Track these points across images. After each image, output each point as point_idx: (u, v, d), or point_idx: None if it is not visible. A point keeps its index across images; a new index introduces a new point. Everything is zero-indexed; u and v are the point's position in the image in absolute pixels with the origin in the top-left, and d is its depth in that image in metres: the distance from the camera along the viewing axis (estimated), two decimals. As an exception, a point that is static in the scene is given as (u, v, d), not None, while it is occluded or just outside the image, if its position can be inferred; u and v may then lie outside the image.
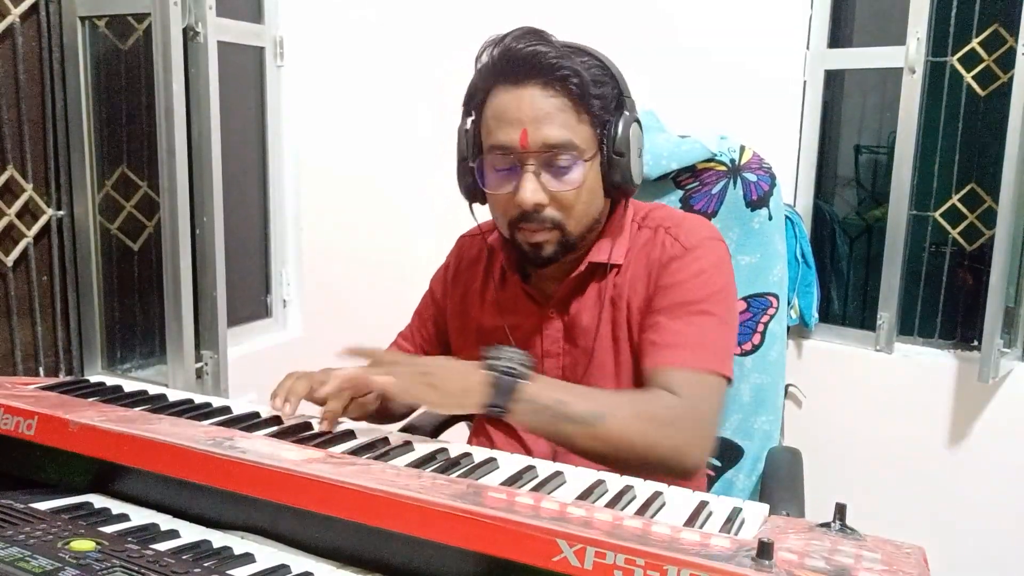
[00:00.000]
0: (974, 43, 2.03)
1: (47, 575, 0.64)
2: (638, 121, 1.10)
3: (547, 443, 1.17)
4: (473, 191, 1.13)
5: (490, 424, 1.24)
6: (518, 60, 1.04)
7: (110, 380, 1.15)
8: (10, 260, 1.55)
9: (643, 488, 0.85)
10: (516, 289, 1.21)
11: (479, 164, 1.10)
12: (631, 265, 1.16)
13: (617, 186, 1.09)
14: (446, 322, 1.32)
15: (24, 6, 1.53)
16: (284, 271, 2.27)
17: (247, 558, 0.74)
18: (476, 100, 1.11)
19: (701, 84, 2.15)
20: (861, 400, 2.13)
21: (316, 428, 1.02)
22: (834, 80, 2.24)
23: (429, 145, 2.46)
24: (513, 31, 1.07)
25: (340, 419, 1.07)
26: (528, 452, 1.18)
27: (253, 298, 2.23)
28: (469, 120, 1.12)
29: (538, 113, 1.03)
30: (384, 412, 1.22)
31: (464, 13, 2.39)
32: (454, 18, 2.43)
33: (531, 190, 1.04)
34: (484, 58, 1.09)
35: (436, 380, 0.99)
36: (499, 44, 1.07)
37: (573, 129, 1.05)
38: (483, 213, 1.19)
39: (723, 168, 1.49)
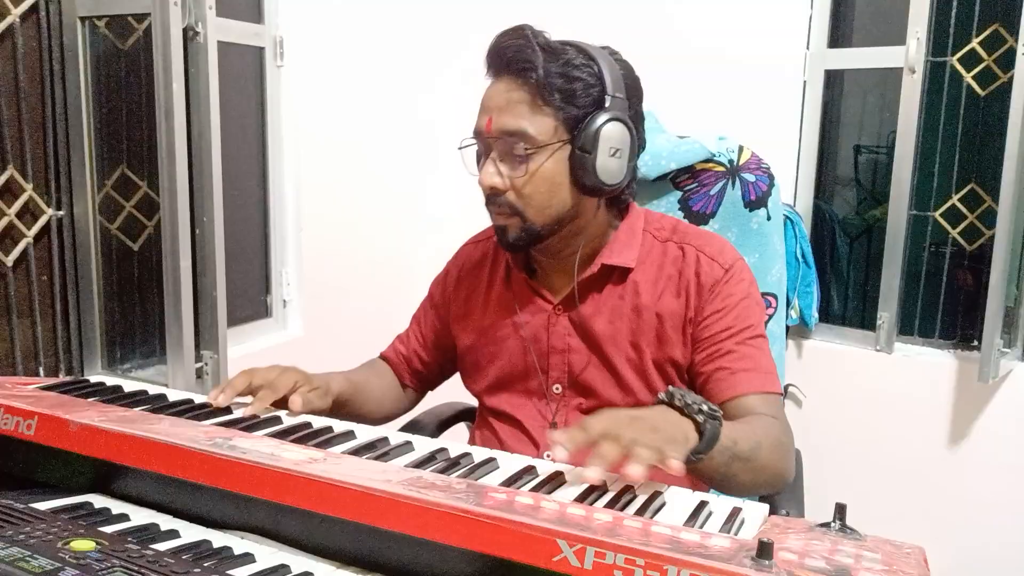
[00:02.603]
0: (974, 43, 2.03)
1: (47, 575, 0.64)
2: (625, 123, 1.08)
3: None
4: None
5: (495, 419, 1.25)
6: (493, 55, 1.10)
7: (110, 380, 1.15)
8: (10, 260, 1.55)
9: (643, 488, 0.85)
10: (522, 287, 1.22)
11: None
12: (649, 273, 1.16)
13: (583, 183, 1.08)
14: (447, 326, 1.32)
15: (24, 6, 1.53)
16: (284, 271, 2.27)
17: (247, 558, 0.74)
18: None
19: (701, 84, 2.15)
20: (861, 400, 2.13)
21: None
22: (834, 80, 2.23)
23: (429, 145, 2.46)
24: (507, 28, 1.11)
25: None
26: (536, 448, 1.18)
27: (253, 298, 2.23)
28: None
29: (501, 102, 1.09)
30: (341, 411, 1.20)
31: (464, 13, 2.39)
32: (454, 18, 2.42)
33: (488, 173, 1.09)
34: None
35: (661, 428, 0.89)
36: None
37: (528, 119, 1.07)
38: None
39: (722, 168, 1.49)
